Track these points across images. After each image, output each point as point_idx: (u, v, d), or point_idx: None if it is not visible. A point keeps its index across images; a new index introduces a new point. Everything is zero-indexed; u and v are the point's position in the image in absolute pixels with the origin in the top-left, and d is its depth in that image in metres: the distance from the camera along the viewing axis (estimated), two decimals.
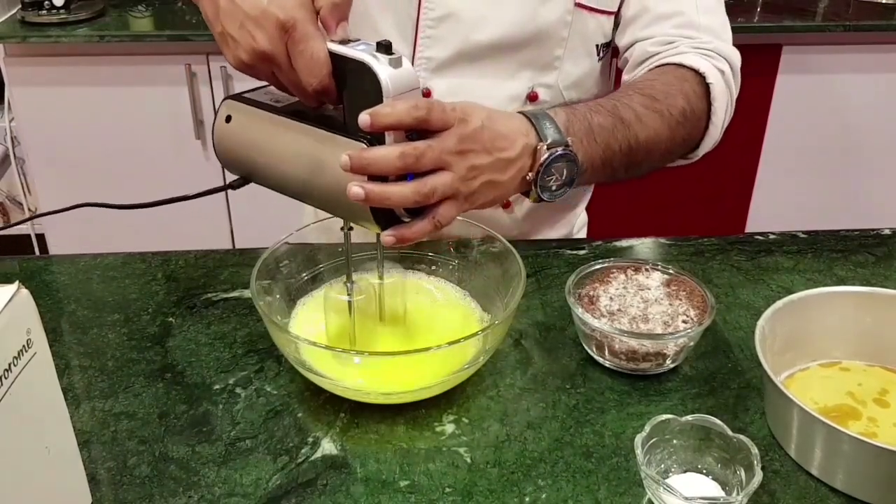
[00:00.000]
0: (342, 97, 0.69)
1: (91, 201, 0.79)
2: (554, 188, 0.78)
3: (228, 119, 0.75)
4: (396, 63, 0.65)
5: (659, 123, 0.88)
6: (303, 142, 0.70)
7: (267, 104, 0.74)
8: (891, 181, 2.45)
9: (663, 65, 0.94)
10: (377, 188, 0.66)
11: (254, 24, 0.68)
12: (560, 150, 0.76)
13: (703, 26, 0.96)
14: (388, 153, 0.66)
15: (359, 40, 0.68)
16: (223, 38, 0.71)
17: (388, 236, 0.68)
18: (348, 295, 0.77)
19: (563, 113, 0.81)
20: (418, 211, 0.69)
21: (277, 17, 0.66)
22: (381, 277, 0.80)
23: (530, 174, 0.76)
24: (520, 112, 0.78)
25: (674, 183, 2.28)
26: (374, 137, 0.66)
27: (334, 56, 0.68)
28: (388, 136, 0.66)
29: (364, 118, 0.65)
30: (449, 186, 0.69)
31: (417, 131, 0.68)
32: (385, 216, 0.68)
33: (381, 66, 0.65)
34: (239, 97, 0.76)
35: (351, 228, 0.76)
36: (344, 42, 0.68)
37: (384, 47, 0.65)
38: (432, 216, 0.69)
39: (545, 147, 0.76)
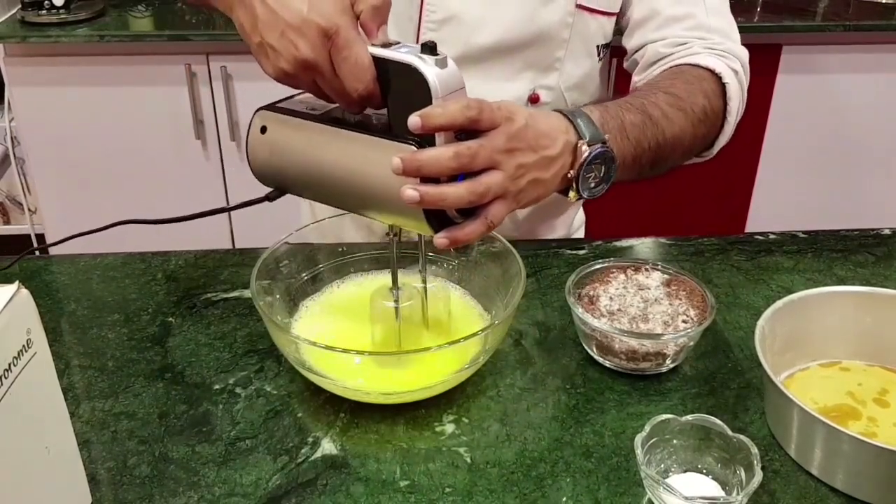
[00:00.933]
0: (385, 101, 0.68)
1: (124, 218, 0.79)
2: (593, 185, 0.78)
3: (264, 130, 0.73)
4: (442, 63, 0.65)
5: (683, 121, 0.88)
6: (348, 148, 0.69)
7: (304, 112, 0.72)
8: (891, 181, 2.45)
9: (679, 65, 0.95)
10: (433, 189, 0.65)
11: (295, 33, 0.66)
12: (599, 148, 0.76)
13: (714, 27, 0.97)
14: (442, 154, 0.65)
15: (399, 43, 0.67)
16: (262, 48, 0.69)
17: (441, 238, 0.67)
18: (395, 301, 0.76)
19: (596, 111, 0.81)
20: (469, 212, 0.68)
21: (319, 25, 0.65)
22: (424, 282, 0.78)
23: (571, 172, 0.75)
24: (556, 110, 0.78)
25: (674, 183, 2.28)
26: (422, 139, 0.65)
27: (378, 60, 0.66)
28: (439, 137, 0.65)
29: (415, 120, 0.64)
30: (500, 185, 0.68)
31: (466, 131, 0.67)
32: (437, 218, 0.67)
33: (428, 68, 0.64)
34: (272, 107, 0.74)
35: (396, 234, 0.74)
36: (386, 45, 0.67)
37: (429, 48, 0.64)
38: (485, 216, 0.68)
39: (585, 144, 0.75)
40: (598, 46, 1.00)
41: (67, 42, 2.02)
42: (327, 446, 0.69)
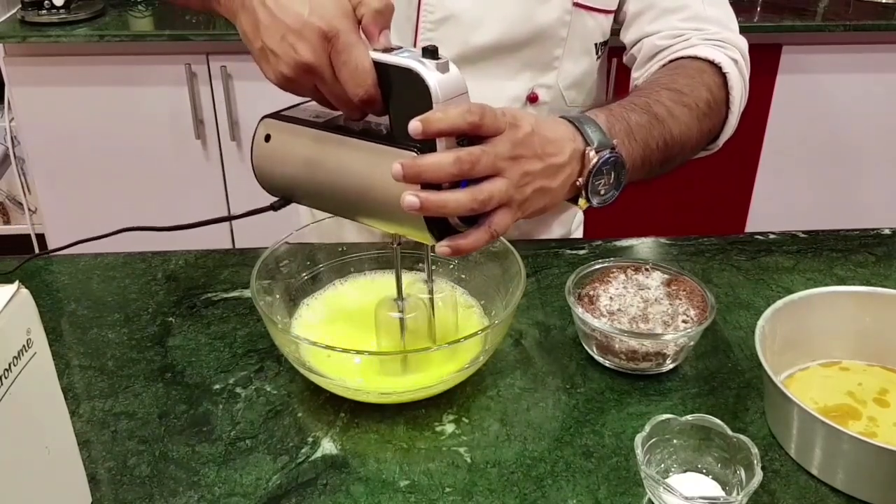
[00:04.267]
0: (387, 107, 0.67)
1: (129, 224, 0.77)
2: (603, 192, 0.76)
3: (268, 138, 0.73)
4: (444, 68, 0.63)
5: (689, 117, 0.87)
6: (351, 156, 0.68)
7: (308, 120, 0.72)
8: (891, 181, 2.45)
9: (678, 59, 0.94)
10: (433, 196, 0.63)
11: (296, 37, 0.65)
12: (608, 154, 0.74)
13: (711, 18, 0.96)
14: (443, 160, 0.63)
15: (401, 48, 0.66)
16: (263, 53, 0.68)
17: (443, 247, 0.66)
18: (399, 312, 0.75)
19: (602, 115, 0.80)
20: (471, 220, 0.67)
21: (320, 28, 0.64)
22: (430, 293, 0.77)
23: (580, 179, 0.74)
24: (562, 117, 0.76)
25: (674, 183, 2.28)
26: (424, 145, 0.64)
27: (379, 65, 0.65)
28: (440, 143, 0.64)
29: (415, 125, 0.62)
30: (504, 193, 0.66)
31: (469, 137, 0.65)
32: (438, 226, 0.66)
33: (429, 72, 0.63)
34: (276, 115, 0.73)
35: (400, 243, 0.74)
36: (387, 50, 0.66)
37: (430, 52, 0.63)
38: (488, 225, 0.67)
39: (594, 151, 0.73)
40: (596, 44, 1.00)
41: (67, 42, 2.02)
42: (327, 446, 0.69)
